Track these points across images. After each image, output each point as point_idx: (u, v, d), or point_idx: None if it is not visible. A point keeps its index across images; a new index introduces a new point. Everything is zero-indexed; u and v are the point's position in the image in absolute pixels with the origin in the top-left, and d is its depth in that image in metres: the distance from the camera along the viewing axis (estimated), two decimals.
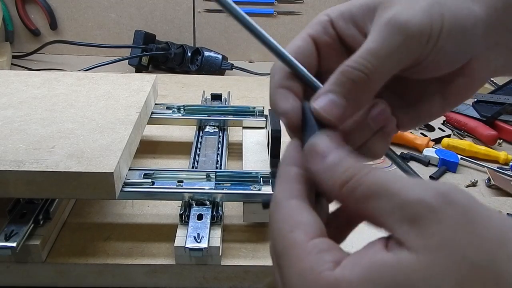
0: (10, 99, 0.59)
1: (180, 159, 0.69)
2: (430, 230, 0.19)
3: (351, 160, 0.23)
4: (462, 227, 0.18)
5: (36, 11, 1.21)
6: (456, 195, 0.19)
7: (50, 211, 0.50)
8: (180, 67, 1.12)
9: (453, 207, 0.19)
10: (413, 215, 0.19)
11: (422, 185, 0.20)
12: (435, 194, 0.19)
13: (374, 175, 0.21)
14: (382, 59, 0.26)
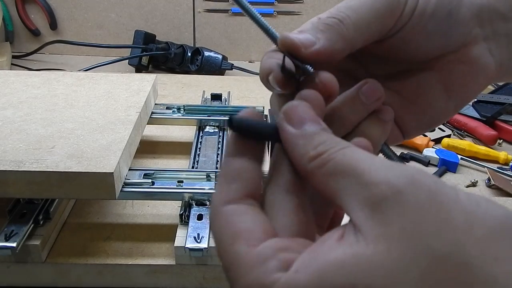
0: (10, 99, 0.59)
1: (180, 159, 0.69)
2: (391, 215, 0.17)
3: (328, 134, 0.21)
4: (426, 212, 0.17)
5: (36, 11, 1.21)
6: (423, 177, 0.18)
7: (50, 211, 0.50)
8: (180, 67, 1.12)
9: (418, 189, 0.17)
10: (376, 196, 0.18)
11: (390, 167, 0.19)
12: (401, 175, 0.18)
13: (346, 153, 0.20)
14: (357, 11, 0.25)
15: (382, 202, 0.18)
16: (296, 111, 0.22)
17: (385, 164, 0.19)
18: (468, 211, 0.17)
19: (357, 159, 0.19)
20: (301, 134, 0.22)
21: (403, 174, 0.18)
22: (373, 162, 0.19)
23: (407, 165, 0.19)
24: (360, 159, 0.19)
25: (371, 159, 0.19)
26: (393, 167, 0.19)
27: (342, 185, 0.19)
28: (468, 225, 0.17)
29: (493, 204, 0.17)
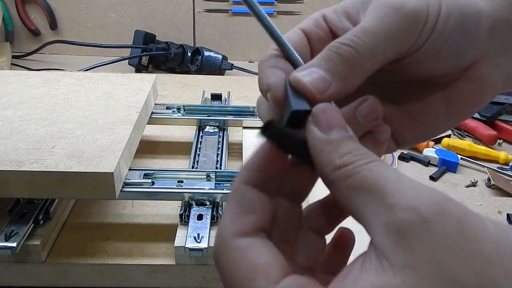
0: (10, 99, 0.59)
1: (180, 159, 0.69)
2: (419, 244, 0.17)
3: (355, 144, 0.21)
4: (456, 242, 0.17)
5: (36, 11, 1.21)
6: (452, 205, 0.17)
7: (50, 211, 0.50)
8: (180, 67, 1.12)
9: (447, 218, 0.17)
10: (402, 222, 0.17)
11: (419, 191, 0.18)
12: (429, 202, 0.17)
13: (373, 168, 0.19)
14: (374, 37, 0.23)
15: (408, 229, 0.17)
16: (325, 114, 0.21)
17: (414, 187, 0.18)
18: (497, 242, 0.17)
19: (385, 177, 0.19)
20: (328, 139, 0.21)
21: (432, 201, 0.17)
22: (401, 183, 0.18)
23: (435, 190, 0.18)
24: (388, 177, 0.19)
25: (399, 179, 0.19)
26: (422, 192, 0.18)
27: (366, 203, 0.19)
28: (498, 256, 0.16)
29: None
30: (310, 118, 0.22)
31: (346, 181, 0.19)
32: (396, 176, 0.19)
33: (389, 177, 0.19)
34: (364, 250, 0.19)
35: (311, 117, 0.22)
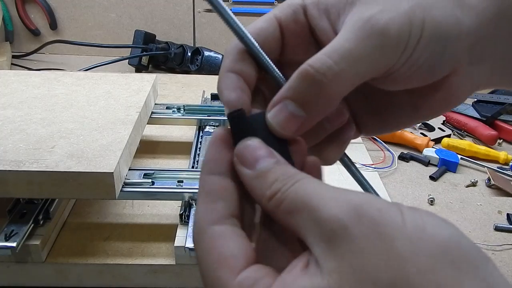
0: (10, 99, 0.59)
1: (180, 159, 0.69)
2: (342, 250, 0.18)
3: (280, 169, 0.21)
4: (372, 244, 0.18)
5: (36, 11, 1.21)
6: (368, 207, 0.18)
7: (50, 211, 0.50)
8: (180, 67, 1.12)
9: (363, 222, 0.18)
10: (328, 233, 0.19)
11: (338, 199, 0.19)
12: (347, 209, 0.18)
13: (298, 188, 0.20)
14: (352, 62, 0.22)
15: (333, 238, 0.18)
16: (247, 151, 0.22)
17: (333, 196, 0.19)
18: (413, 238, 0.17)
19: (309, 194, 0.20)
20: (256, 174, 0.22)
21: (349, 207, 0.19)
22: (322, 196, 0.20)
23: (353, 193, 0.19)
24: (311, 194, 0.20)
25: (320, 192, 0.20)
26: (341, 200, 0.19)
27: (300, 222, 0.20)
28: (411, 253, 0.17)
29: (440, 226, 0.18)
30: (235, 159, 0.23)
31: (279, 209, 0.20)
32: (318, 189, 0.20)
33: (312, 193, 0.20)
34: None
35: (235, 156, 0.23)
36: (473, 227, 0.63)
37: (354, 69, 0.22)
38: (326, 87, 0.22)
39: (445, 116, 0.91)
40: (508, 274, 0.55)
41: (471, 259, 0.17)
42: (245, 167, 0.22)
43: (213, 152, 0.23)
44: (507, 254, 0.58)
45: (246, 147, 0.22)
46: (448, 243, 0.17)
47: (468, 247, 0.17)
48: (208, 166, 0.23)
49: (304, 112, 0.23)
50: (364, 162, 0.74)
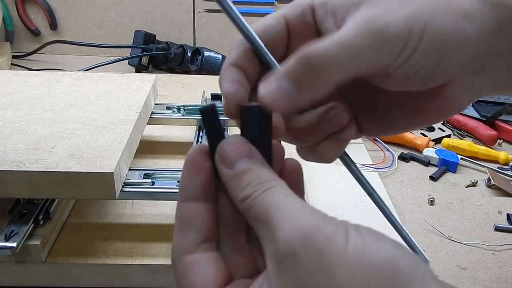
0: (10, 99, 0.59)
1: (180, 159, 0.69)
2: (289, 274, 0.19)
3: (256, 172, 0.22)
4: (315, 271, 0.18)
5: (36, 11, 1.21)
6: (317, 234, 0.19)
7: (50, 211, 0.50)
8: (180, 67, 1.12)
9: (310, 249, 0.19)
10: (280, 255, 0.19)
11: (293, 221, 0.20)
12: (299, 234, 0.19)
13: (264, 199, 0.21)
14: (348, 53, 0.23)
15: (283, 261, 0.19)
16: (227, 151, 0.23)
17: (291, 217, 0.20)
18: (351, 265, 0.18)
19: (272, 208, 0.21)
20: (232, 174, 0.23)
21: (300, 233, 0.19)
22: (282, 213, 0.20)
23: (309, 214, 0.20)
24: (273, 209, 0.21)
25: (282, 209, 0.20)
26: (296, 223, 0.20)
27: (262, 233, 0.21)
28: (349, 280, 0.18)
29: (378, 248, 0.19)
30: (216, 156, 0.23)
31: (248, 213, 0.22)
32: (281, 204, 0.21)
33: (274, 208, 0.21)
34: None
35: (217, 155, 0.23)
36: (473, 227, 0.63)
37: (350, 60, 0.23)
38: (321, 71, 0.23)
39: None
40: (508, 274, 0.55)
41: (404, 279, 0.18)
42: (225, 166, 0.23)
43: (185, 178, 0.24)
44: (507, 254, 0.58)
45: (226, 147, 0.23)
46: (383, 266, 0.18)
47: (403, 266, 0.18)
48: (181, 192, 0.24)
49: (295, 91, 0.23)
50: (364, 162, 0.74)
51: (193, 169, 0.24)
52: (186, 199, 0.24)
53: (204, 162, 0.24)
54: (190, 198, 0.24)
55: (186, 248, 0.23)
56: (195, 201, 0.24)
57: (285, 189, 0.22)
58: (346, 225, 0.20)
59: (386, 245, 0.19)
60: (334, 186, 0.67)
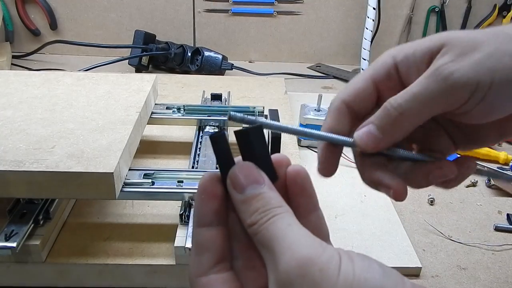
0: (10, 99, 0.59)
1: (180, 159, 0.69)
2: None
3: (264, 198, 0.24)
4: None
5: (36, 11, 1.21)
6: (311, 266, 0.21)
7: (50, 211, 0.50)
8: (180, 67, 1.12)
9: (304, 279, 0.21)
10: (280, 283, 0.22)
11: (294, 251, 0.22)
12: (295, 265, 0.21)
13: (269, 227, 0.23)
14: (417, 102, 0.28)
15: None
16: (239, 177, 0.25)
17: (291, 247, 0.22)
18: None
19: (276, 236, 0.23)
20: (242, 199, 0.25)
21: (297, 264, 0.21)
22: (285, 242, 0.22)
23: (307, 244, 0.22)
24: (277, 237, 0.23)
25: (284, 238, 0.23)
26: (294, 253, 0.22)
27: (266, 257, 0.24)
28: None
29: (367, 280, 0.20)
30: (228, 181, 0.26)
31: (255, 238, 0.24)
32: (283, 233, 0.23)
33: (277, 236, 0.23)
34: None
35: (228, 179, 0.25)
36: (473, 227, 0.63)
37: (419, 108, 0.28)
38: (397, 119, 0.29)
39: None
40: (508, 274, 0.55)
41: None
42: (236, 191, 0.25)
43: (199, 205, 0.26)
44: (507, 254, 0.58)
45: (240, 170, 0.25)
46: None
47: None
48: (196, 219, 0.26)
49: (381, 134, 0.30)
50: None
51: (206, 197, 0.26)
52: (201, 225, 0.26)
53: (215, 189, 0.26)
54: (204, 224, 0.26)
55: (202, 270, 0.25)
56: (209, 226, 0.26)
57: (289, 218, 0.24)
58: (340, 254, 0.22)
59: (374, 274, 0.21)
60: (334, 186, 0.67)
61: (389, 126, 0.29)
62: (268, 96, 0.89)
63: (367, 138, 0.30)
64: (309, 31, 1.26)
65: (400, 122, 0.29)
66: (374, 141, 0.30)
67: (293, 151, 0.69)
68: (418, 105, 0.28)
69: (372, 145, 0.30)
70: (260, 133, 0.26)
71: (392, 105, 0.29)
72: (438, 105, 0.28)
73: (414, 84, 0.28)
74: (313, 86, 1.11)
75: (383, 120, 0.29)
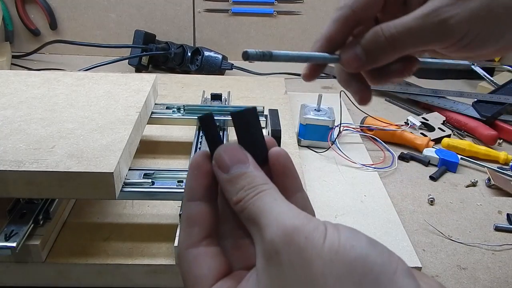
0: (10, 99, 0.59)
1: (180, 159, 0.69)
2: (273, 271, 0.21)
3: (249, 176, 0.25)
4: (294, 269, 0.21)
5: (36, 11, 1.21)
6: (297, 235, 0.21)
7: (50, 211, 0.50)
8: (180, 67, 1.12)
9: (291, 248, 0.21)
10: (266, 253, 0.22)
11: (279, 222, 0.22)
12: (282, 235, 0.21)
13: (255, 202, 0.24)
14: (409, 35, 0.30)
15: (269, 259, 0.22)
16: (223, 157, 0.26)
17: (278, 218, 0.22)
18: (326, 262, 0.20)
19: (262, 210, 0.23)
20: (228, 179, 0.25)
21: (283, 233, 0.21)
22: (270, 215, 0.23)
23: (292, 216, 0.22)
24: (264, 210, 0.23)
25: (271, 211, 0.23)
26: (280, 223, 0.22)
27: (252, 232, 0.24)
28: (323, 276, 0.20)
29: (351, 245, 0.21)
30: (213, 162, 0.26)
31: (241, 214, 0.24)
32: (269, 207, 0.23)
33: (263, 210, 0.23)
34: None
35: (214, 160, 0.26)
36: (473, 227, 0.63)
37: (410, 42, 0.30)
38: (385, 48, 0.30)
39: (445, 116, 0.91)
40: (508, 274, 0.55)
41: (374, 275, 0.20)
42: (221, 171, 0.25)
43: (190, 180, 0.27)
44: (507, 254, 0.58)
45: (225, 151, 0.26)
46: (354, 263, 0.20)
47: (374, 263, 0.20)
48: (187, 193, 0.27)
49: (365, 58, 0.31)
50: (364, 162, 0.74)
51: (197, 172, 0.26)
52: (191, 199, 0.26)
53: (207, 166, 0.26)
54: (195, 198, 0.26)
55: (191, 242, 0.26)
56: (199, 201, 0.26)
57: (274, 193, 0.24)
58: (326, 225, 0.22)
59: (360, 243, 0.21)
60: (334, 186, 0.67)
61: (376, 53, 0.31)
62: (268, 96, 0.89)
63: (352, 61, 0.32)
64: (309, 31, 1.26)
65: (388, 51, 0.30)
66: (357, 64, 0.32)
67: (293, 151, 0.69)
68: (409, 39, 0.30)
69: (355, 67, 0.32)
70: (255, 116, 0.27)
71: (384, 33, 0.30)
72: (427, 43, 0.30)
73: (410, 18, 0.30)
74: (313, 86, 1.12)
75: (371, 45, 0.31)
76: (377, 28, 0.30)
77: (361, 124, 0.85)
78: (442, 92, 1.00)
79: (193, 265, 0.25)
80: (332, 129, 0.77)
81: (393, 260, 0.21)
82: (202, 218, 0.26)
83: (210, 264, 0.25)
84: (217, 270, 0.25)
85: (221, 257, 0.26)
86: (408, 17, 0.30)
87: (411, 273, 0.21)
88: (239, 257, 0.26)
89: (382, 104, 1.02)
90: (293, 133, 0.75)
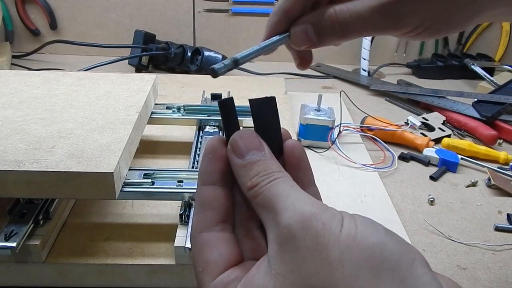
0: (10, 99, 0.59)
1: (180, 159, 0.69)
2: (288, 257, 0.21)
3: (265, 163, 0.25)
4: (311, 254, 0.20)
5: (36, 11, 1.21)
6: (314, 221, 0.21)
7: (50, 211, 0.50)
8: (180, 67, 1.12)
9: (308, 233, 0.21)
10: (281, 238, 0.22)
11: (295, 208, 0.22)
12: (299, 220, 0.21)
13: (271, 188, 0.23)
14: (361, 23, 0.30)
15: (284, 243, 0.22)
16: (239, 142, 0.26)
17: (294, 204, 0.22)
18: (343, 248, 0.20)
19: (277, 196, 0.23)
20: (242, 164, 0.25)
21: (300, 218, 0.21)
22: (287, 201, 0.22)
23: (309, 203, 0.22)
24: (279, 196, 0.23)
25: (287, 197, 0.23)
26: (297, 209, 0.22)
27: (266, 218, 0.23)
28: (340, 262, 0.20)
29: (368, 233, 0.20)
30: (229, 147, 0.26)
31: (254, 200, 0.24)
32: (286, 193, 0.23)
33: (280, 196, 0.23)
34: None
35: (229, 145, 0.26)
36: (473, 227, 0.63)
37: (361, 28, 0.30)
38: (337, 30, 0.31)
39: (445, 116, 0.91)
40: (508, 274, 0.55)
41: (391, 263, 0.19)
42: (236, 156, 0.25)
43: (205, 164, 0.26)
44: (507, 254, 0.58)
45: (238, 140, 0.26)
46: (372, 250, 0.20)
47: (392, 251, 0.20)
48: (201, 177, 0.26)
49: (316, 38, 0.31)
50: (364, 162, 0.74)
51: (212, 156, 0.26)
52: (206, 183, 0.26)
53: (222, 151, 0.26)
54: (209, 182, 0.26)
55: (205, 226, 0.25)
56: (214, 185, 0.26)
57: (290, 181, 0.24)
58: (342, 214, 0.22)
59: (377, 231, 0.21)
60: (334, 186, 0.67)
61: (327, 35, 0.31)
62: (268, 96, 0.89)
63: (302, 40, 0.32)
64: None
65: (339, 33, 0.31)
66: (307, 43, 0.32)
67: None
68: (362, 28, 0.30)
69: (305, 46, 0.32)
70: (274, 105, 0.27)
71: (338, 17, 0.30)
72: (381, 32, 0.31)
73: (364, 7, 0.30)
74: (313, 86, 1.12)
75: (324, 25, 0.31)
76: (331, 10, 0.31)
77: (361, 124, 0.85)
78: (442, 92, 1.00)
79: (205, 249, 0.25)
80: (332, 129, 0.77)
81: (411, 250, 0.20)
82: (216, 202, 0.26)
83: (222, 250, 0.25)
84: (228, 257, 0.25)
85: (233, 245, 0.25)
86: (362, 4, 0.30)
87: (428, 265, 0.20)
88: (250, 248, 0.26)
89: (382, 104, 1.02)
90: (293, 133, 0.75)
